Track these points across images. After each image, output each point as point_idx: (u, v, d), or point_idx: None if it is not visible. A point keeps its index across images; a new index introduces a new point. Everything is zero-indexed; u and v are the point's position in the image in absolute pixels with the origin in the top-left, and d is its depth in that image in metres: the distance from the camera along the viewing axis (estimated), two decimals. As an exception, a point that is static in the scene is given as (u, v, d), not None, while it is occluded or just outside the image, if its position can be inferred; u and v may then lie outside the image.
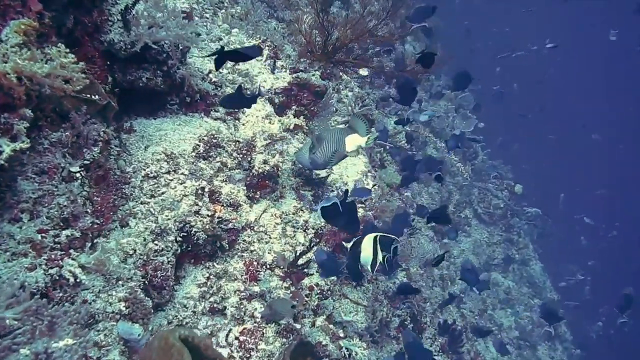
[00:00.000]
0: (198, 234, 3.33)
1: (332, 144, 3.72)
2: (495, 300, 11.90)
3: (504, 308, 12.07)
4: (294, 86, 4.61)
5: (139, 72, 3.42)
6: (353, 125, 3.71)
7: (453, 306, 9.64)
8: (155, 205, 3.23)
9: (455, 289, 10.28)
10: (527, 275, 13.35)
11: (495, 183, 13.52)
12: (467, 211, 12.21)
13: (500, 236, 13.01)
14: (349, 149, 3.69)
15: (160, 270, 3.12)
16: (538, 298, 13.24)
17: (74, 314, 2.33)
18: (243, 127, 3.97)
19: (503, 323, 11.51)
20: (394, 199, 7.68)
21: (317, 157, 3.72)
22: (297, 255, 3.74)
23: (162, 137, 3.53)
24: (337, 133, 3.72)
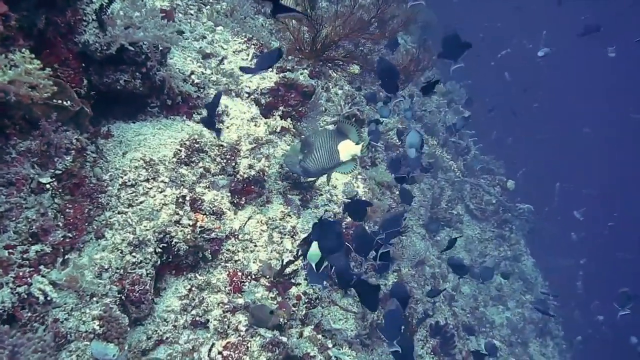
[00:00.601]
0: (179, 245, 3.17)
1: (324, 153, 3.57)
2: (487, 297, 11.81)
3: (496, 305, 11.99)
4: (280, 86, 4.45)
5: (117, 75, 3.25)
6: (343, 130, 3.56)
7: (445, 304, 9.55)
8: (133, 215, 3.07)
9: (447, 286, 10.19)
10: (518, 271, 13.26)
11: (486, 178, 13.42)
12: (459, 207, 12.09)
13: (492, 232, 12.91)
14: (343, 157, 3.55)
15: (138, 284, 2.97)
16: (529, 294, 13.16)
17: (39, 341, 2.17)
18: (227, 130, 3.81)
19: (495, 320, 11.41)
20: (385, 198, 7.54)
21: (309, 165, 3.57)
22: (284, 265, 3.59)
23: (142, 142, 3.37)
24: (328, 139, 3.56)
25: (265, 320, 3.29)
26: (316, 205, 4.42)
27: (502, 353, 10.43)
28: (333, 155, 3.53)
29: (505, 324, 11.70)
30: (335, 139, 3.55)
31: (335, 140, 3.54)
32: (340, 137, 3.52)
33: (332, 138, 3.56)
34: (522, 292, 13.08)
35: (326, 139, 3.56)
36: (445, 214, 10.94)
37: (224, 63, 4.28)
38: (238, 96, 4.17)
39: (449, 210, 11.22)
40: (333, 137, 3.56)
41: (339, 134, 3.54)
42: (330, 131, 3.65)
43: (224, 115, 3.86)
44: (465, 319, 10.14)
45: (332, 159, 3.55)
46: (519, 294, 12.86)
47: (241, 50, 4.60)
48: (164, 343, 3.18)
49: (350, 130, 3.53)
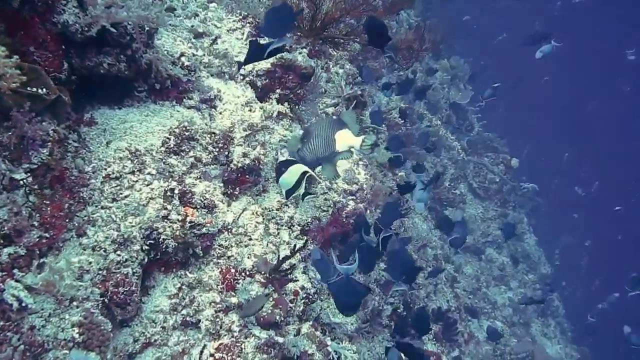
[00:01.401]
0: (167, 242, 2.96)
1: (320, 141, 3.34)
2: (489, 277, 11.66)
3: (498, 285, 11.84)
4: (277, 67, 4.19)
5: (100, 57, 3.00)
6: (343, 119, 3.33)
7: (447, 286, 9.39)
8: (117, 210, 2.85)
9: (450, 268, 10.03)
10: (521, 250, 13.10)
11: (490, 157, 13.19)
12: (462, 186, 11.87)
13: (495, 211, 12.71)
14: (339, 147, 3.32)
15: (123, 285, 2.76)
16: (532, 273, 13.02)
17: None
18: (220, 116, 3.57)
19: (497, 300, 11.26)
20: (387, 180, 7.32)
21: (305, 154, 3.34)
22: (280, 260, 3.38)
23: (127, 130, 3.14)
24: (326, 128, 3.34)
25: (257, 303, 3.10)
26: (315, 194, 4.20)
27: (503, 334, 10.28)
28: (329, 144, 3.31)
29: (507, 304, 11.55)
30: (333, 128, 3.32)
31: (333, 129, 3.31)
32: (338, 126, 3.30)
33: (331, 127, 3.33)
34: (525, 271, 12.93)
35: (324, 127, 3.33)
36: (448, 194, 10.74)
37: (217, 43, 4.03)
38: (232, 79, 3.92)
39: (452, 190, 11.01)
40: (332, 125, 3.33)
41: (338, 123, 3.31)
42: (330, 120, 3.42)
43: (217, 100, 3.62)
44: (468, 300, 10.00)
45: (328, 148, 3.32)
46: (521, 273, 12.70)
47: (235, 28, 4.34)
48: (152, 345, 2.99)
49: (351, 119, 3.30)
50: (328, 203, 4.23)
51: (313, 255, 3.46)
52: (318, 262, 3.42)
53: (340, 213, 4.29)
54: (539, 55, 9.42)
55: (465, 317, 9.26)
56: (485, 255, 11.89)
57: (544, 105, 29.59)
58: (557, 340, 12.26)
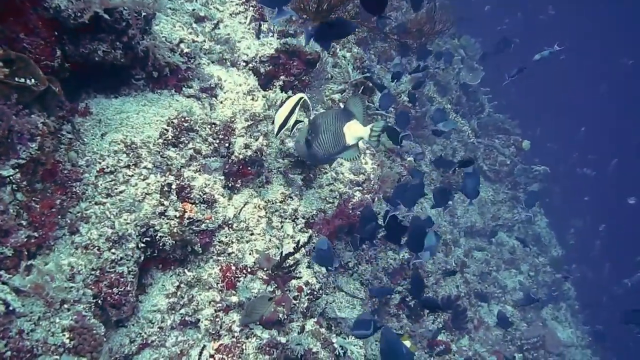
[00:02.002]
0: (164, 240, 2.83)
1: (330, 136, 3.20)
2: (499, 260, 11.54)
3: (508, 269, 11.72)
4: (282, 54, 4.03)
5: (94, 44, 2.86)
6: (350, 107, 3.17)
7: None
8: (112, 206, 2.72)
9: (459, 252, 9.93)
10: (532, 233, 12.95)
11: (501, 139, 12.98)
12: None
13: (506, 194, 12.55)
14: (349, 141, 3.17)
15: (118, 285, 2.64)
16: (543, 256, 12.88)
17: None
18: (221, 105, 3.42)
19: (507, 284, 11.14)
20: (395, 166, 7.17)
21: (316, 151, 3.21)
22: (283, 256, 3.25)
23: (123, 121, 2.99)
24: (334, 121, 3.19)
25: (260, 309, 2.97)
26: (320, 185, 4.06)
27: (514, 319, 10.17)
28: (339, 138, 3.16)
29: (518, 288, 11.43)
30: (341, 120, 3.17)
31: (341, 122, 3.17)
32: (346, 118, 3.14)
33: (339, 119, 3.18)
34: (536, 254, 12.80)
35: (332, 120, 3.19)
36: (458, 178, 10.56)
37: (219, 27, 3.87)
38: (234, 66, 3.76)
39: (462, 174, 10.84)
40: (339, 118, 3.19)
41: (345, 114, 3.16)
42: (337, 111, 3.27)
43: (217, 88, 3.47)
44: (478, 285, 9.88)
45: (338, 143, 3.18)
46: (532, 256, 12.57)
47: (238, 12, 4.18)
48: (149, 346, 2.87)
49: (357, 107, 3.15)
50: (334, 194, 4.09)
51: (319, 245, 3.34)
52: (323, 252, 3.30)
53: (346, 204, 4.16)
54: (537, 57, 9.14)
55: (475, 303, 9.16)
56: (496, 238, 11.76)
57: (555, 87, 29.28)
58: (569, 324, 12.12)
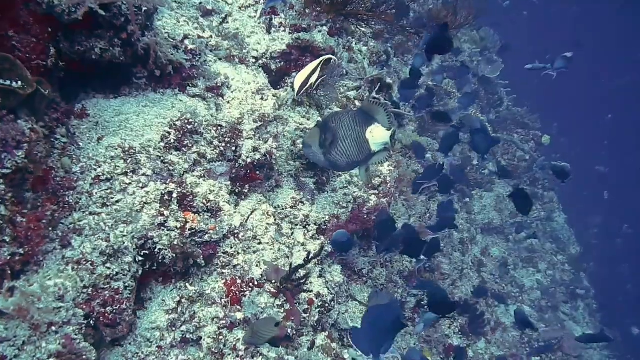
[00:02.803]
0: (164, 252, 2.62)
1: (351, 143, 2.97)
2: (517, 259, 11.30)
3: (526, 267, 11.46)
4: (294, 49, 3.80)
5: (91, 41, 2.65)
6: (368, 111, 2.94)
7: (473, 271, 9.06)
8: (107, 217, 2.52)
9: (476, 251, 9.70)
10: (550, 230, 12.67)
11: (520, 133, 12.68)
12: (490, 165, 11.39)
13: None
14: (374, 147, 2.95)
15: (113, 303, 2.44)
16: (562, 254, 12.62)
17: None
18: (228, 106, 3.20)
19: (525, 284, 10.90)
20: (412, 163, 6.94)
21: (336, 159, 2.98)
22: (293, 269, 3.03)
23: (122, 123, 2.79)
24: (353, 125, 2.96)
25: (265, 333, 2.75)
26: (334, 189, 3.84)
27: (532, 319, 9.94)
28: (362, 145, 2.93)
29: (536, 287, 11.18)
30: (361, 124, 2.94)
31: (362, 126, 2.93)
32: (366, 121, 2.91)
33: (358, 123, 2.94)
34: (554, 252, 12.54)
35: (351, 124, 2.95)
36: (476, 174, 10.31)
37: (227, 22, 3.65)
38: (242, 63, 3.53)
39: (480, 170, 10.57)
40: (358, 121, 2.95)
41: (364, 117, 2.92)
42: (353, 113, 3.03)
43: (224, 87, 3.24)
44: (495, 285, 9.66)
45: (362, 151, 2.95)
46: (550, 254, 12.31)
47: (249, 5, 3.95)
48: (148, 367, 2.67)
49: (377, 110, 2.92)
50: (348, 198, 3.86)
51: (337, 237, 3.15)
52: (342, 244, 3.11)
53: (360, 209, 3.93)
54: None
55: (492, 303, 8.94)
56: (513, 236, 11.52)
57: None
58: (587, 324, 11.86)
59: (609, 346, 11.85)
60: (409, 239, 3.80)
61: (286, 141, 3.66)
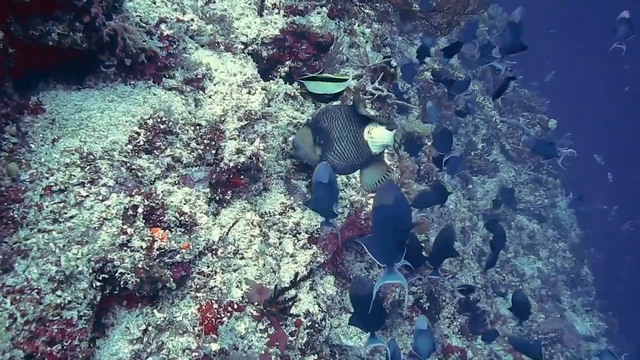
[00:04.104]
0: (126, 277, 2.25)
1: (348, 145, 2.61)
2: (518, 246, 11.01)
3: (527, 254, 11.18)
4: (288, 35, 3.38)
5: (47, 25, 2.25)
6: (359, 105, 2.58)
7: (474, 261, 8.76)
8: (59, 235, 2.14)
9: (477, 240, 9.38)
10: (553, 216, 12.36)
11: (526, 117, 12.29)
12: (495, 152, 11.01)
13: (528, 175, 11.94)
14: (374, 149, 2.59)
15: (63, 339, 2.07)
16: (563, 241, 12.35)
17: None
18: (209, 101, 2.79)
19: (525, 272, 10.61)
20: (414, 154, 6.56)
21: (334, 163, 2.62)
22: (277, 291, 2.66)
23: (83, 122, 2.40)
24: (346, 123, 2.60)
25: None
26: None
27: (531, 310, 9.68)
28: (361, 147, 2.58)
29: (536, 275, 10.90)
30: (357, 124, 2.58)
31: (358, 126, 2.57)
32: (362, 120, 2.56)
33: (353, 122, 2.58)
34: (556, 239, 12.26)
35: (345, 123, 2.59)
36: (480, 160, 9.93)
37: (214, 1, 3.23)
38: (229, 50, 3.11)
39: (484, 156, 10.19)
40: (353, 120, 2.59)
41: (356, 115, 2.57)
42: (346, 110, 2.66)
43: (206, 79, 2.83)
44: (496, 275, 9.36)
45: (361, 154, 2.60)
46: (552, 241, 12.03)
47: (240, -18, 3.52)
48: (106, 407, 2.32)
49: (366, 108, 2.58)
50: (343, 203, 3.48)
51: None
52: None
53: (358, 214, 3.55)
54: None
55: (492, 294, 8.65)
56: (515, 222, 11.23)
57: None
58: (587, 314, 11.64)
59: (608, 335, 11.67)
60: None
61: (277, 138, 3.27)
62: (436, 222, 6.94)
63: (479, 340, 7.04)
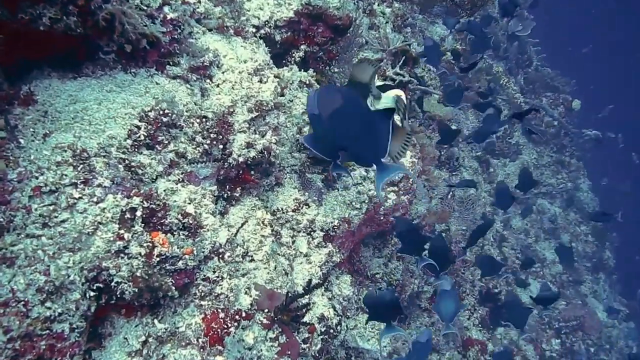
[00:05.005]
0: (123, 287, 2.05)
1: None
2: (539, 230, 10.74)
3: (548, 239, 10.91)
4: (303, 17, 3.14)
5: (38, 8, 2.04)
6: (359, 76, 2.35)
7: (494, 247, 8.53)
8: (49, 242, 1.95)
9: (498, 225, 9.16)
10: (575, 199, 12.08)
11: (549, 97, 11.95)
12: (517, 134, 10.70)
13: (551, 157, 11.63)
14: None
15: (53, 354, 1.89)
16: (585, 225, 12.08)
17: None
18: (217, 90, 2.57)
19: (546, 256, 10.36)
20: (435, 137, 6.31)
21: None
22: (289, 299, 2.46)
23: (78, 114, 2.19)
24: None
25: None
26: (346, 186, 3.23)
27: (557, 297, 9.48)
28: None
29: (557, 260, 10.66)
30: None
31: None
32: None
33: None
34: (577, 222, 11.98)
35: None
36: (502, 143, 9.63)
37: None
38: (238, 35, 2.86)
39: (507, 139, 9.89)
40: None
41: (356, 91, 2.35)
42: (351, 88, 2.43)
43: (213, 67, 2.61)
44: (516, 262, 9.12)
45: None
46: (573, 225, 11.76)
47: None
48: None
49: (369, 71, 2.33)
50: (362, 197, 3.26)
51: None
52: None
53: (376, 209, 3.33)
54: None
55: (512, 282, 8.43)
56: (537, 205, 10.95)
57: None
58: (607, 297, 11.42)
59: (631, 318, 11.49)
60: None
61: (291, 128, 3.05)
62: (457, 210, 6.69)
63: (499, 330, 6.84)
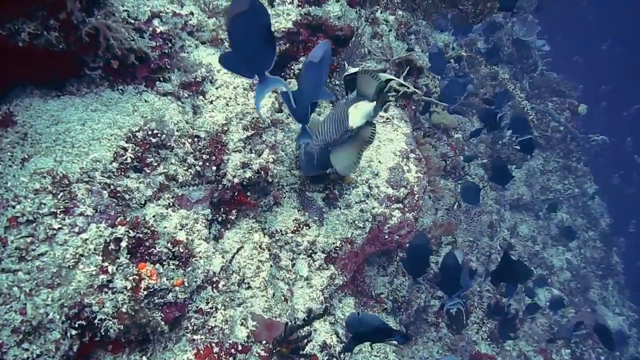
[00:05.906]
0: (107, 324, 1.90)
1: (330, 123, 2.34)
2: (546, 237, 10.59)
3: (556, 245, 10.76)
4: (302, 28, 2.99)
5: (17, 23, 1.90)
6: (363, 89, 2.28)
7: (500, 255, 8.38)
8: (25, 277, 1.79)
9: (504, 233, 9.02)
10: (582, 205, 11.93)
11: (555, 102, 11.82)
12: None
13: (557, 163, 11.48)
14: (353, 123, 2.31)
15: (30, 401, 1.73)
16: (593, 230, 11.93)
17: None
18: (210, 107, 2.42)
19: (554, 263, 10.21)
20: (441, 145, 6.16)
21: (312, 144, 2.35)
22: (289, 330, 2.30)
23: (60, 136, 2.04)
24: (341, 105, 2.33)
25: None
26: (348, 204, 3.06)
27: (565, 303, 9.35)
28: (340, 122, 2.29)
29: (566, 267, 10.50)
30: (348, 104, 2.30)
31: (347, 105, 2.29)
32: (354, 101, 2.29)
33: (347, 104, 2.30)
34: (585, 228, 11.83)
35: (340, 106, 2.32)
36: (508, 150, 9.48)
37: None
38: (233, 47, 2.72)
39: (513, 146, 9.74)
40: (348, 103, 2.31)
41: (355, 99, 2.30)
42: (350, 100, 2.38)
43: (206, 82, 2.45)
44: (524, 269, 8.92)
45: (339, 128, 2.30)
46: (581, 231, 11.61)
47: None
48: None
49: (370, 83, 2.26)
50: (365, 216, 3.10)
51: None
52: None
53: (381, 228, 3.17)
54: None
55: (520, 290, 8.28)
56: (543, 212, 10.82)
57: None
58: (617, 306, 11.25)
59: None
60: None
61: (290, 144, 2.89)
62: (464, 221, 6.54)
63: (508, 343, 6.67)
